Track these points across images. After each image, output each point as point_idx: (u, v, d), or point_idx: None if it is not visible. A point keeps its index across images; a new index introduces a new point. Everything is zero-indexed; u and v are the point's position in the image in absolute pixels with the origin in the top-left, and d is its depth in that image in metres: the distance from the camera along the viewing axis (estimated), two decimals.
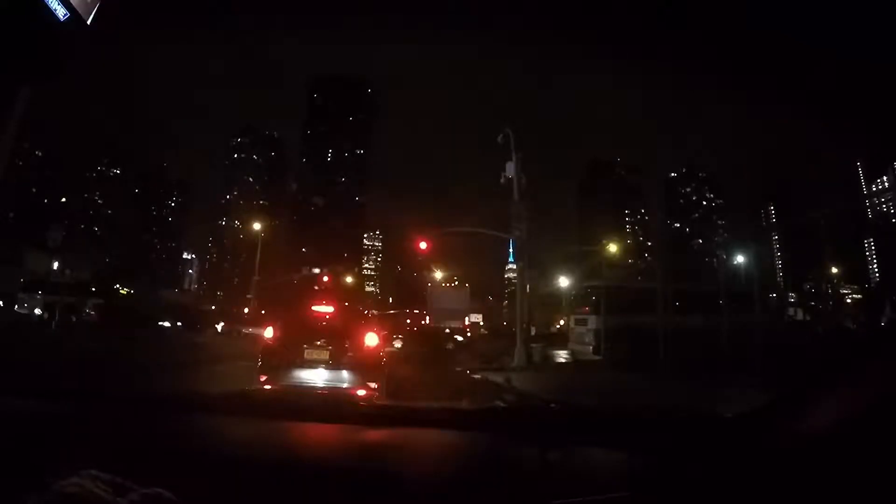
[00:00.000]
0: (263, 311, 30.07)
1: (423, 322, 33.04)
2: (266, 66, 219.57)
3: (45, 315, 27.12)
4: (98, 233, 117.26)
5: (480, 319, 55.94)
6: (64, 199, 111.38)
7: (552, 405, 2.45)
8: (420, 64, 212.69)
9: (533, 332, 37.54)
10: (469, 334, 30.87)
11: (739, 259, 17.85)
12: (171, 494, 0.80)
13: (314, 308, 6.82)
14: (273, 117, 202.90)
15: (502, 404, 4.48)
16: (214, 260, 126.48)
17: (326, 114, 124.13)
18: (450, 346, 24.61)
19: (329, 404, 1.86)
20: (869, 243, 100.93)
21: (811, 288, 72.89)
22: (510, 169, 14.27)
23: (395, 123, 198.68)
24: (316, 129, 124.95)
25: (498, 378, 10.50)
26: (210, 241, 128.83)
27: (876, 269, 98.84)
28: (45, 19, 3.13)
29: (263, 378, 5.96)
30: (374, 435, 1.37)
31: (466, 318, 32.23)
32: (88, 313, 30.15)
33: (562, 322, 39.77)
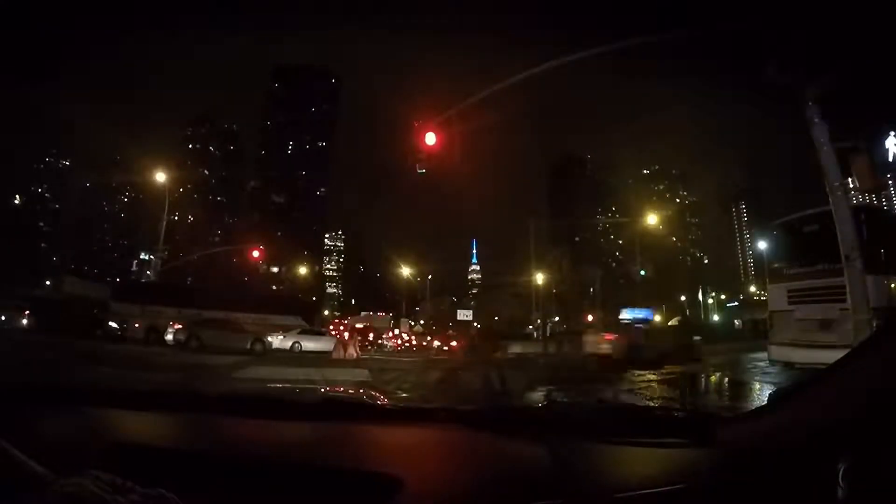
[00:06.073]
0: None
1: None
2: (228, 57, 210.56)
3: None
4: (44, 228, 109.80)
5: (470, 316, 50.83)
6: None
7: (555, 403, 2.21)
8: (389, 58, 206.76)
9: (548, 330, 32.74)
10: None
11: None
12: (172, 494, 0.79)
13: None
14: (235, 111, 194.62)
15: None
16: (166, 258, 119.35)
17: (287, 104, 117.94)
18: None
19: (330, 403, 1.72)
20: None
21: None
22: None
23: (360, 117, 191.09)
24: (276, 119, 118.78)
25: None
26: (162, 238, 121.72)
27: None
28: None
29: None
30: (376, 433, 1.37)
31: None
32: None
33: (590, 317, 34.55)
